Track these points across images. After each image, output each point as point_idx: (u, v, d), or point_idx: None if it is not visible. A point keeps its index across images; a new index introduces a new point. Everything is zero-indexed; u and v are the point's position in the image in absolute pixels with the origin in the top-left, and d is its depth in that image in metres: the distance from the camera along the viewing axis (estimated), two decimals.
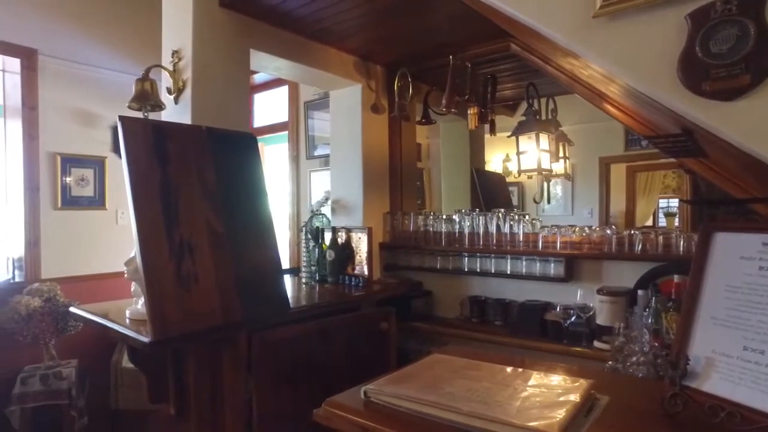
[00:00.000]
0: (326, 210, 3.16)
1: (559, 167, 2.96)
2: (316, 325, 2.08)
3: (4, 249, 3.42)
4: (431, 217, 2.94)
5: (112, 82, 3.72)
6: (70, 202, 3.57)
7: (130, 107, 2.21)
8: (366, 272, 2.62)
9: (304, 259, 2.84)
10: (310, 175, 3.97)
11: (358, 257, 2.67)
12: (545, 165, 2.78)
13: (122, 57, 3.75)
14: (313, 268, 2.76)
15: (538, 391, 1.06)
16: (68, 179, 3.56)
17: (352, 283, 2.64)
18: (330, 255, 2.67)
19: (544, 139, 2.77)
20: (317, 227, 2.84)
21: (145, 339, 1.57)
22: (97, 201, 3.72)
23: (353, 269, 2.69)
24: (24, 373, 3.02)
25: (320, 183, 3.79)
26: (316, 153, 3.94)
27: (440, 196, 4.17)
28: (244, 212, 1.84)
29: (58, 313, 3.11)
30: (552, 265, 2.48)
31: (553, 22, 1.15)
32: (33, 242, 3.35)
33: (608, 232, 2.29)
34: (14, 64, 3.33)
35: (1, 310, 3.04)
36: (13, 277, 3.31)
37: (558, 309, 2.31)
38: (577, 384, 1.08)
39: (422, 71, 2.96)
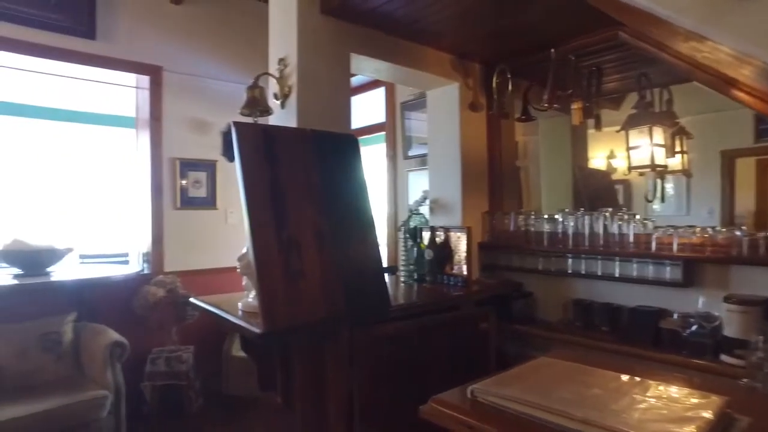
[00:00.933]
0: (424, 209, 3.16)
1: (675, 162, 2.72)
2: (416, 324, 2.09)
3: (137, 244, 3.85)
4: (532, 217, 2.84)
5: (220, 92, 4.03)
6: (187, 202, 3.90)
7: (241, 113, 2.35)
8: (465, 272, 2.59)
9: (403, 258, 2.87)
10: (407, 174, 4.01)
11: (456, 257, 2.64)
12: (659, 161, 2.58)
13: (232, 68, 4.05)
14: (412, 267, 2.78)
15: (660, 403, 0.98)
16: (185, 182, 3.90)
17: (451, 283, 2.62)
18: (428, 254, 2.67)
19: (658, 133, 2.57)
20: (415, 226, 2.85)
21: (257, 330, 1.66)
22: (209, 201, 4.02)
23: (452, 269, 2.66)
24: (152, 354, 3.39)
25: (417, 182, 3.81)
26: (413, 153, 3.97)
27: (539, 195, 4.01)
28: (347, 211, 1.89)
29: (177, 303, 3.44)
30: (668, 268, 2.28)
31: (679, 5, 1.06)
32: (157, 239, 3.72)
33: (738, 233, 2.07)
34: (144, 81, 3.74)
35: (134, 298, 3.43)
36: (143, 269, 3.70)
37: (675, 316, 2.13)
38: (708, 400, 0.98)
39: (521, 67, 2.85)
